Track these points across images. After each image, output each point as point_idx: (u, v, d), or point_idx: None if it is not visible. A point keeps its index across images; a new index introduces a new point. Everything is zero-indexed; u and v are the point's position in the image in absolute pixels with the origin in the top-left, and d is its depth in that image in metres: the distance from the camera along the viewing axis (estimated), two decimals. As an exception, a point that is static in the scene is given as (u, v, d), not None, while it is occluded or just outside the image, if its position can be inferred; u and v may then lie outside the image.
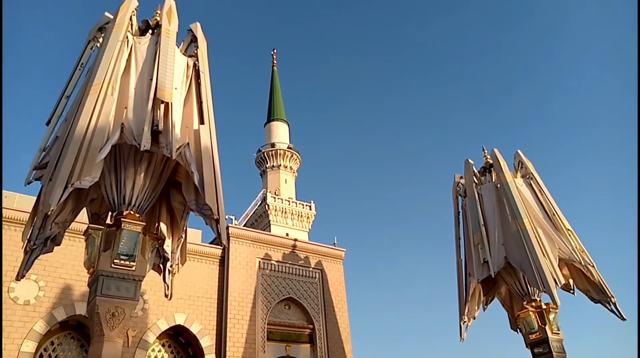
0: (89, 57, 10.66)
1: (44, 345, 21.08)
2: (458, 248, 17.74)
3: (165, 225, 10.15)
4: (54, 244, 9.18)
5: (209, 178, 9.29)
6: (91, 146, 8.42)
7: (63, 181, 7.95)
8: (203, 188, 9.08)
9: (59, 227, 8.60)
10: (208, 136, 9.93)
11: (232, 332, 24.32)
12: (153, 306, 23.16)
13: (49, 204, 7.77)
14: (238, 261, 26.58)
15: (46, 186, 8.32)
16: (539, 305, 15.02)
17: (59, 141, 8.99)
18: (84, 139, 8.43)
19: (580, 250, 15.57)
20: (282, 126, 45.57)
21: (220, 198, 9.31)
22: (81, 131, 8.49)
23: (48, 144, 9.50)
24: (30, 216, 8.90)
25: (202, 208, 9.22)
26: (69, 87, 10.30)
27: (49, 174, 8.39)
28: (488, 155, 18.20)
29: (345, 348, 27.44)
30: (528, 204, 16.18)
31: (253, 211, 39.48)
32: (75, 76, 10.41)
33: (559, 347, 14.44)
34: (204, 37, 11.39)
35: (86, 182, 8.18)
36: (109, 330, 8.24)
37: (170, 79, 9.62)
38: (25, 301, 20.09)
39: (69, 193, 8.10)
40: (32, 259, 8.93)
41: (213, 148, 9.85)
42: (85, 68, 10.58)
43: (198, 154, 9.52)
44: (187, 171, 9.36)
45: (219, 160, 9.97)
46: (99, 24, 10.87)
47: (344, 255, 30.88)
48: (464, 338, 16.30)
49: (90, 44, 10.80)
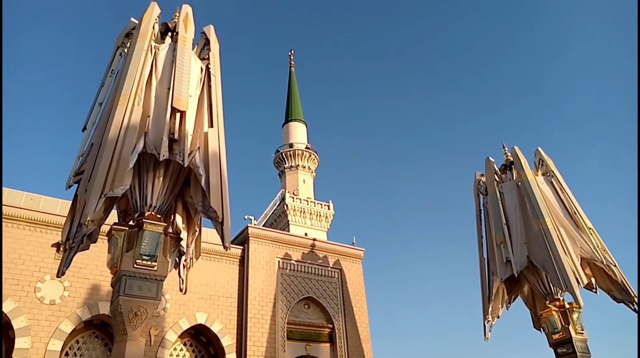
0: (118, 63, 11.11)
1: (69, 344, 21.58)
2: (480, 246, 17.52)
3: (181, 217, 10.35)
4: (90, 241, 9.48)
5: (215, 181, 9.53)
6: (122, 156, 8.92)
7: (97, 191, 8.49)
8: (209, 191, 9.34)
9: (95, 225, 8.93)
10: (216, 139, 10.18)
11: (252, 331, 24.49)
12: (174, 305, 23.48)
13: (86, 215, 8.34)
14: (257, 261, 26.76)
15: (82, 196, 8.86)
16: (562, 304, 14.79)
17: (94, 148, 9.48)
18: (114, 150, 8.95)
19: (602, 248, 15.26)
20: (300, 127, 45.68)
21: (226, 201, 9.54)
22: (112, 142, 9.01)
23: (85, 150, 9.95)
24: (68, 216, 9.29)
25: (208, 210, 9.45)
26: (101, 94, 10.79)
27: (85, 185, 8.96)
28: (509, 152, 17.99)
29: (365, 347, 27.39)
30: (549, 202, 15.94)
31: (272, 211, 39.67)
32: (107, 83, 10.88)
33: (583, 347, 14.18)
34: (216, 40, 11.62)
35: (118, 191, 8.73)
36: (131, 329, 8.41)
37: (186, 88, 10.06)
38: (51, 301, 20.58)
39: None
40: (70, 256, 9.28)
41: (221, 151, 10.09)
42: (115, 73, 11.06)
43: (206, 157, 9.81)
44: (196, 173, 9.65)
45: (227, 163, 10.21)
46: (126, 30, 11.38)
47: (362, 255, 30.83)
48: (488, 338, 16.07)
49: (119, 50, 11.30)
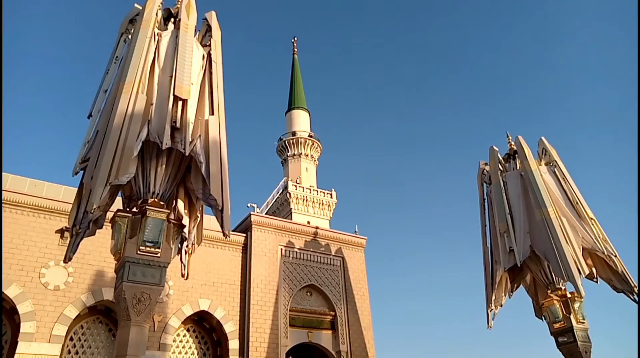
0: (122, 50, 11.05)
1: (74, 329, 21.81)
2: (484, 235, 17.53)
3: (183, 203, 10.40)
4: (96, 227, 9.53)
5: (215, 169, 9.59)
6: (126, 145, 8.98)
7: (103, 180, 8.59)
8: (209, 179, 9.39)
9: (101, 210, 8.99)
10: (217, 127, 10.20)
11: (255, 318, 24.69)
12: (178, 292, 23.65)
13: (92, 204, 8.46)
14: (260, 248, 26.87)
15: (88, 183, 8.92)
16: (564, 293, 14.82)
17: (99, 136, 9.49)
18: (119, 138, 8.99)
19: (603, 239, 15.30)
20: (303, 114, 45.51)
21: (226, 189, 9.61)
22: (117, 130, 9.05)
23: (90, 137, 9.95)
24: (74, 203, 9.35)
25: (208, 197, 9.50)
26: (106, 82, 10.75)
27: (91, 172, 9.01)
28: (512, 141, 17.92)
29: (367, 334, 27.60)
30: (552, 193, 15.94)
31: (275, 200, 39.72)
32: (111, 70, 10.82)
33: (584, 336, 14.24)
34: (218, 26, 11.54)
35: (123, 179, 8.82)
36: (135, 315, 8.49)
37: (188, 76, 10.07)
38: (55, 286, 20.76)
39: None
40: (77, 242, 9.34)
41: (221, 139, 10.11)
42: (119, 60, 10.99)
43: (207, 145, 9.83)
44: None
45: (228, 150, 10.29)
46: (130, 16, 11.31)
47: (365, 243, 30.93)
48: (491, 326, 16.14)
49: (123, 36, 11.25)
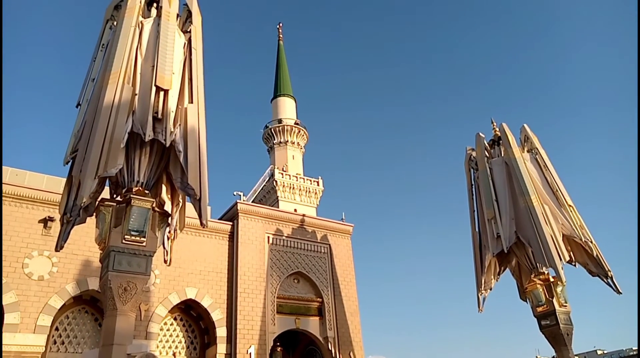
0: (108, 37, 10.83)
1: (59, 319, 21.65)
2: (473, 221, 17.63)
3: (165, 187, 10.36)
4: (86, 214, 9.40)
5: (193, 158, 9.56)
6: (114, 137, 8.94)
7: (92, 172, 8.59)
8: (187, 168, 9.38)
9: (90, 198, 8.91)
10: (196, 115, 10.12)
11: (242, 306, 24.74)
12: (164, 280, 23.56)
13: (82, 197, 8.45)
14: (247, 236, 26.84)
15: (77, 176, 8.86)
16: (547, 278, 15.10)
17: (87, 127, 9.38)
18: (107, 130, 8.95)
19: (580, 226, 15.69)
20: (289, 102, 45.28)
21: (204, 178, 9.60)
22: (104, 122, 9.00)
23: (79, 128, 9.79)
24: (64, 192, 9.23)
25: (186, 186, 9.47)
26: (93, 70, 10.54)
27: (80, 164, 8.94)
28: (497, 128, 18.04)
29: (354, 320, 27.86)
30: (534, 180, 16.20)
31: (261, 188, 39.66)
32: (98, 58, 10.63)
33: (566, 319, 14.55)
34: (199, 12, 11.39)
35: (112, 171, 8.82)
36: (121, 304, 8.44)
37: (169, 65, 9.98)
38: (39, 276, 20.52)
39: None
40: (68, 230, 9.19)
41: (200, 128, 10.05)
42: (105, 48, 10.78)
43: (185, 133, 9.79)
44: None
45: (207, 139, 10.22)
46: (114, 2, 11.06)
47: (351, 230, 31.06)
48: (482, 310, 16.36)
49: (108, 23, 11.02)
